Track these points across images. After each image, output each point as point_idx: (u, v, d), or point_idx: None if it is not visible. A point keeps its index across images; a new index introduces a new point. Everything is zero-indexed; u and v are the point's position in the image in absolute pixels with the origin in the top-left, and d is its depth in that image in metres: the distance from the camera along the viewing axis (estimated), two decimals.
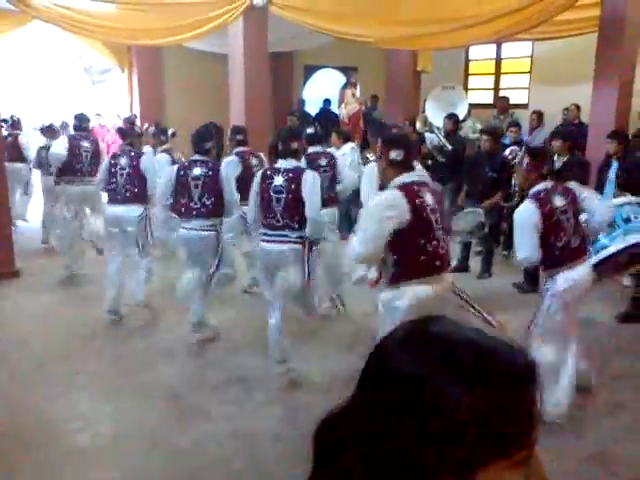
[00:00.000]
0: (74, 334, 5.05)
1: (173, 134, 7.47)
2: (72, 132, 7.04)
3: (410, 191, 3.12)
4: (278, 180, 4.00)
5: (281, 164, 4.12)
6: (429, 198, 3.17)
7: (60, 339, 4.96)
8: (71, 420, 3.72)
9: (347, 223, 6.62)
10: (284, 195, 3.96)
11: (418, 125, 8.50)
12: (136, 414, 3.81)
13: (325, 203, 5.03)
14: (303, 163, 5.29)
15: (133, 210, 5.23)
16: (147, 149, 6.48)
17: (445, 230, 3.25)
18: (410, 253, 3.12)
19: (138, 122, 9.48)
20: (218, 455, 3.36)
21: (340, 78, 12.08)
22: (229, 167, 5.22)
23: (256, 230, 4.28)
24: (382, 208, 3.11)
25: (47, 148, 7.22)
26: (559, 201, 3.60)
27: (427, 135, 7.89)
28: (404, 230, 3.06)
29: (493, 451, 0.68)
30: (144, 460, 3.32)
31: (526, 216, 3.57)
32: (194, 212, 4.56)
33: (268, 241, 4.06)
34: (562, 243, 3.57)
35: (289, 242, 3.99)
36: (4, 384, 4.18)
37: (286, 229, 3.99)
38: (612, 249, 4.51)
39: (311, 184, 3.96)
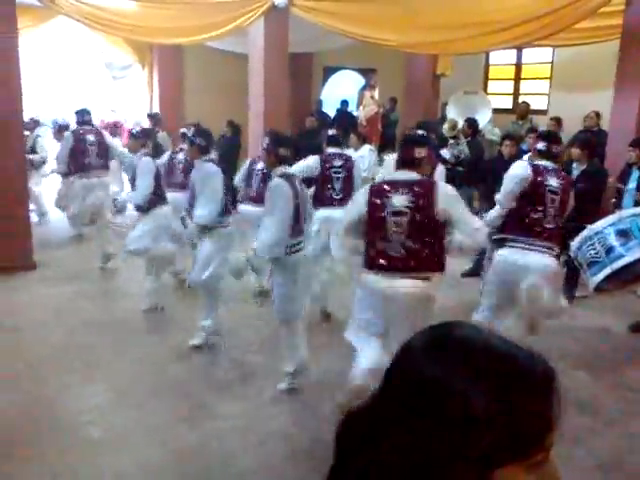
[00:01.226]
0: (89, 327, 5.11)
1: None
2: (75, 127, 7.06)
3: (375, 189, 3.30)
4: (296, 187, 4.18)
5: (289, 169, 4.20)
6: (397, 200, 3.19)
7: (75, 332, 5.02)
8: (83, 412, 3.77)
9: None
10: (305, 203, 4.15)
11: (445, 129, 8.50)
12: (146, 409, 3.85)
13: (339, 204, 5.06)
14: (316, 162, 5.35)
15: None
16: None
17: (416, 234, 3.19)
18: (366, 243, 3.33)
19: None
20: (226, 453, 3.39)
21: (359, 80, 12.08)
22: None
23: None
24: (352, 204, 3.48)
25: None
26: (554, 181, 3.90)
27: (446, 148, 7.86)
28: (364, 223, 3.30)
29: (510, 452, 0.70)
30: (154, 455, 3.35)
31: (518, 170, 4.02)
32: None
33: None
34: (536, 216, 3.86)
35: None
36: (19, 374, 4.24)
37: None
38: (628, 259, 4.46)
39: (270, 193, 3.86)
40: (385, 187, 3.29)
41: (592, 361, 4.47)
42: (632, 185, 5.85)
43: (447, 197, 3.22)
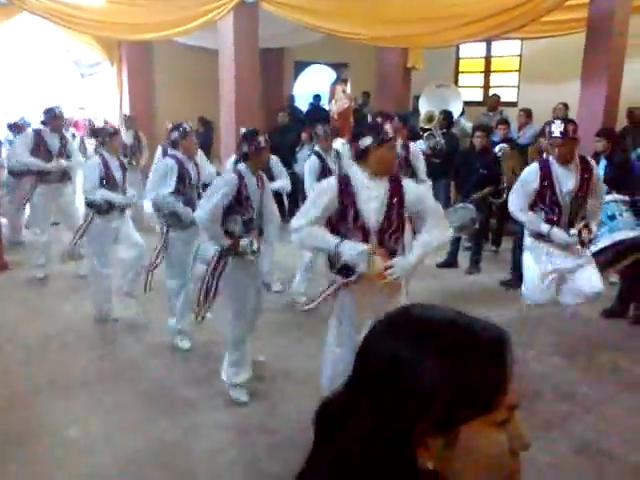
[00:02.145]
0: (63, 327, 5.05)
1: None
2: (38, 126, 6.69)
3: (343, 181, 3.17)
4: (252, 184, 3.97)
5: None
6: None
7: (49, 332, 4.95)
8: (61, 413, 3.73)
9: None
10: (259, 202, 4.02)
11: (422, 120, 8.56)
12: (126, 407, 3.82)
13: None
14: (314, 159, 5.41)
15: None
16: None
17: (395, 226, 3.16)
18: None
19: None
20: (207, 447, 3.39)
21: (331, 74, 12.08)
22: None
23: None
24: (319, 192, 3.23)
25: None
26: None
27: (422, 139, 7.91)
28: (334, 216, 3.15)
29: (467, 410, 0.76)
30: (135, 451, 3.33)
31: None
32: None
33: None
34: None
35: None
36: None
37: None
38: (599, 246, 4.56)
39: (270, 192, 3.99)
40: (350, 177, 3.25)
41: (567, 347, 4.55)
42: (600, 173, 5.96)
43: (415, 192, 3.29)
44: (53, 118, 6.28)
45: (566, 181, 4.06)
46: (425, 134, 7.96)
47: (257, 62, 8.16)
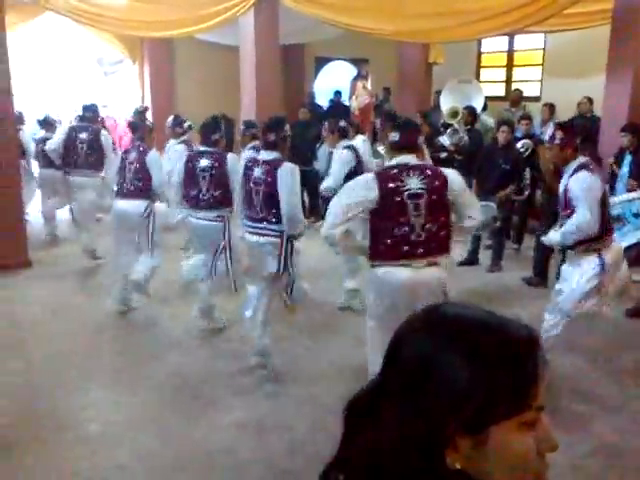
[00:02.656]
0: (86, 323, 5.11)
1: (190, 126, 7.45)
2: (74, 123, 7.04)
3: (385, 175, 3.22)
4: (257, 171, 3.91)
5: (262, 155, 3.99)
6: (413, 182, 3.17)
7: (72, 329, 5.01)
8: (83, 408, 3.78)
9: None
10: (262, 187, 3.87)
11: (446, 116, 8.49)
12: (146, 404, 3.86)
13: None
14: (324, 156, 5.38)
15: (137, 205, 5.15)
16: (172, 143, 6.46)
17: (433, 216, 3.18)
18: (378, 235, 3.23)
19: (149, 113, 9.52)
20: (226, 445, 3.40)
21: (351, 70, 12.04)
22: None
23: (241, 221, 4.25)
24: (354, 187, 3.26)
25: (44, 140, 7.32)
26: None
27: (445, 135, 7.84)
28: (375, 211, 3.18)
29: (498, 411, 0.77)
30: (154, 448, 3.36)
31: (596, 186, 3.66)
32: (202, 203, 4.60)
33: (250, 232, 4.05)
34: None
35: (267, 235, 3.93)
36: (17, 373, 4.24)
37: (264, 222, 3.93)
38: (623, 244, 4.48)
39: (285, 178, 3.80)
40: (395, 172, 3.23)
41: (589, 346, 4.49)
42: (625, 170, 5.87)
43: (457, 180, 3.29)
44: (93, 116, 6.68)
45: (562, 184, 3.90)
46: (449, 130, 7.89)
47: (278, 58, 8.18)
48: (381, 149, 7.15)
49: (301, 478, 3.07)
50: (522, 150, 6.98)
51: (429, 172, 3.24)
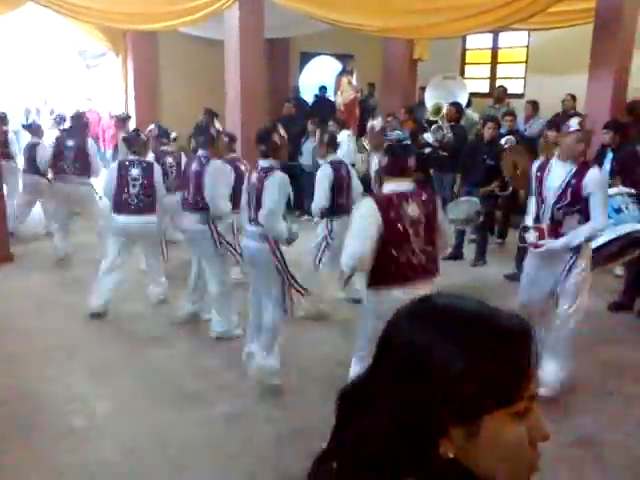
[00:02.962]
0: (68, 317, 5.08)
1: (174, 139, 7.36)
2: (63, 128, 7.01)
3: (384, 203, 3.21)
4: (253, 177, 3.96)
5: (260, 163, 4.00)
6: (412, 209, 3.22)
7: (55, 322, 4.98)
8: (66, 402, 3.75)
9: None
10: (254, 193, 3.91)
11: (429, 112, 8.50)
12: (131, 398, 3.84)
13: None
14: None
15: (149, 220, 5.19)
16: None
17: (429, 239, 3.28)
18: (381, 261, 3.19)
19: (133, 119, 9.48)
20: (212, 437, 3.40)
21: (336, 65, 12.03)
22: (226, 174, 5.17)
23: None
24: (364, 215, 3.22)
25: (33, 146, 7.25)
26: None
27: (429, 131, 7.86)
28: (379, 238, 3.15)
29: (491, 401, 0.77)
30: (139, 441, 3.35)
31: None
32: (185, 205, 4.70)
33: (247, 237, 4.07)
34: None
35: (259, 240, 3.92)
36: (0, 366, 4.19)
37: (257, 226, 3.92)
38: (604, 239, 4.53)
39: (270, 187, 3.81)
40: (393, 198, 3.24)
41: (571, 340, 4.53)
42: (606, 167, 5.93)
43: (439, 205, 3.43)
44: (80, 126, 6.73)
45: (554, 179, 3.74)
46: (432, 126, 7.92)
47: (262, 53, 8.14)
48: (366, 143, 7.17)
49: (290, 470, 3.08)
50: (505, 146, 7.02)
51: (424, 198, 3.31)
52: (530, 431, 0.80)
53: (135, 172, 5.14)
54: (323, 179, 4.95)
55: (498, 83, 10.71)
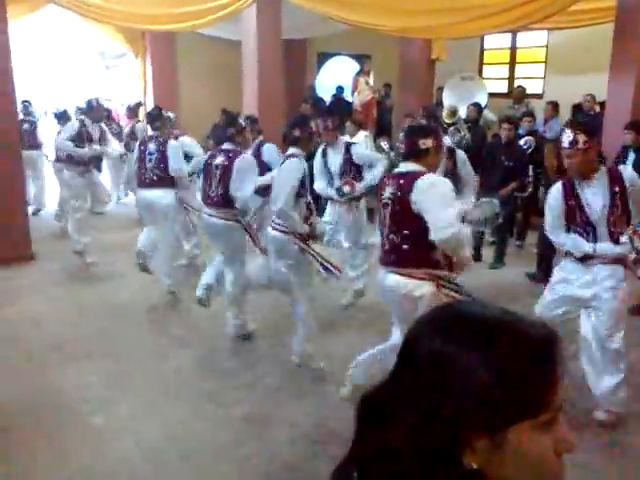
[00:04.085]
0: (88, 317, 5.12)
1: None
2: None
3: (383, 181, 3.37)
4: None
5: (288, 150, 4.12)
6: (388, 190, 3.18)
7: (75, 322, 5.02)
8: (85, 401, 3.78)
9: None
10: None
11: (445, 115, 8.46)
12: (150, 398, 3.86)
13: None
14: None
15: (162, 193, 5.36)
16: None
17: (397, 228, 3.15)
18: None
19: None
20: (229, 439, 3.40)
21: (354, 66, 12.01)
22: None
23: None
24: None
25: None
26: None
27: (448, 134, 7.81)
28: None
29: (517, 412, 0.76)
30: (157, 440, 3.36)
31: None
32: (208, 200, 4.63)
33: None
34: None
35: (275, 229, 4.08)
36: (20, 366, 4.24)
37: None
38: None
39: (281, 172, 4.02)
40: (386, 179, 3.33)
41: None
42: (628, 168, 5.84)
43: (422, 188, 3.04)
44: (92, 109, 6.66)
45: (594, 198, 3.43)
46: (450, 129, 7.88)
47: (280, 53, 8.15)
48: (384, 144, 7.14)
49: (304, 472, 3.08)
50: (525, 147, 6.97)
51: (402, 181, 3.13)
52: (556, 442, 0.78)
53: (152, 147, 5.36)
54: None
55: (517, 83, 10.62)
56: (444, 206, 3.00)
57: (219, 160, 4.56)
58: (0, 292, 5.69)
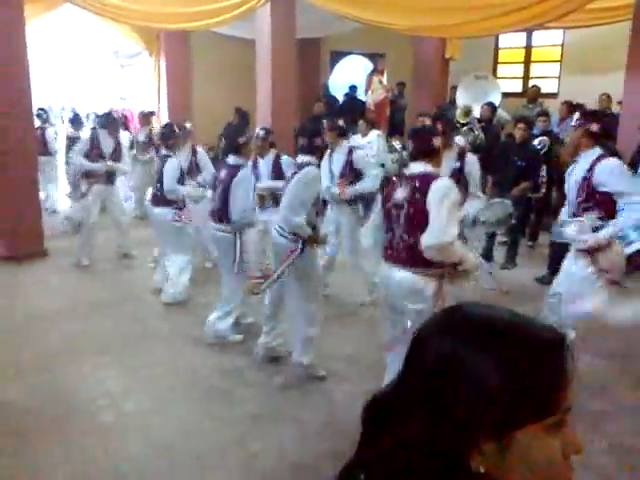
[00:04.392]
0: (101, 314, 5.15)
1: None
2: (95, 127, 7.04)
3: (390, 181, 3.41)
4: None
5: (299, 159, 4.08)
6: (399, 192, 3.21)
7: (87, 319, 5.06)
8: (97, 398, 3.81)
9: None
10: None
11: (459, 114, 8.43)
12: (158, 396, 3.88)
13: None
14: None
15: (163, 211, 5.38)
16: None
17: (411, 229, 3.16)
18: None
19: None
20: (237, 437, 3.42)
21: (367, 64, 11.99)
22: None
23: None
24: None
25: (74, 139, 7.41)
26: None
27: (462, 133, 7.78)
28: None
29: (525, 415, 0.75)
30: (168, 438, 3.38)
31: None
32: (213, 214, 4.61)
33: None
34: None
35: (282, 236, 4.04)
36: (32, 361, 4.28)
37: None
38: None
39: (293, 183, 3.91)
40: (395, 179, 3.36)
41: (604, 346, 4.44)
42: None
43: (434, 192, 3.08)
44: (110, 122, 6.62)
45: (578, 172, 3.67)
46: (463, 129, 7.84)
47: (294, 52, 8.16)
48: (396, 143, 7.13)
49: (311, 471, 3.08)
50: (539, 147, 6.92)
51: (418, 183, 3.14)
52: (564, 445, 0.77)
53: (161, 165, 5.46)
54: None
55: (532, 82, 10.55)
56: (450, 216, 3.04)
57: (222, 174, 4.51)
58: (13, 288, 5.76)
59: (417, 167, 3.23)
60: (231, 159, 4.49)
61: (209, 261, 6.17)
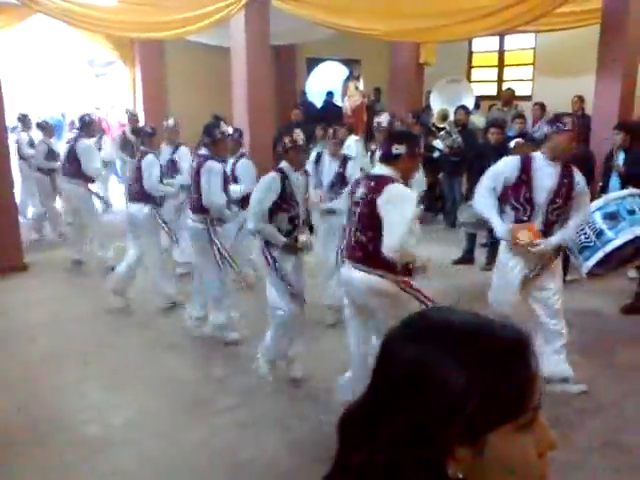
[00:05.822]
0: (82, 325, 5.09)
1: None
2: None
3: (355, 181, 3.55)
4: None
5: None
6: (360, 191, 3.29)
7: (69, 331, 4.99)
8: (81, 411, 3.76)
9: None
10: None
11: (435, 119, 8.50)
12: (144, 406, 3.84)
13: None
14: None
15: (139, 208, 5.36)
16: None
17: (363, 228, 3.24)
18: None
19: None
20: (225, 445, 3.40)
21: (343, 71, 12.05)
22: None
23: None
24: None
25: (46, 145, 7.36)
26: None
27: (438, 138, 7.87)
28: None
29: (495, 417, 0.74)
30: (153, 449, 3.35)
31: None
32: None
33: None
34: None
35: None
36: (15, 375, 4.22)
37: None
38: (619, 242, 4.50)
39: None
40: (359, 179, 3.47)
41: (585, 344, 4.51)
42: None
43: (389, 195, 3.12)
44: (85, 125, 6.58)
45: (545, 179, 3.69)
46: (441, 133, 7.92)
47: (269, 59, 8.16)
48: (375, 148, 7.16)
49: (300, 477, 3.07)
50: (515, 149, 6.99)
51: (373, 183, 3.23)
52: (537, 442, 0.77)
53: (138, 162, 5.43)
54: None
55: (505, 86, 10.69)
56: (402, 222, 3.06)
57: (194, 164, 4.71)
58: None
59: (379, 169, 3.35)
60: (203, 150, 4.68)
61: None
